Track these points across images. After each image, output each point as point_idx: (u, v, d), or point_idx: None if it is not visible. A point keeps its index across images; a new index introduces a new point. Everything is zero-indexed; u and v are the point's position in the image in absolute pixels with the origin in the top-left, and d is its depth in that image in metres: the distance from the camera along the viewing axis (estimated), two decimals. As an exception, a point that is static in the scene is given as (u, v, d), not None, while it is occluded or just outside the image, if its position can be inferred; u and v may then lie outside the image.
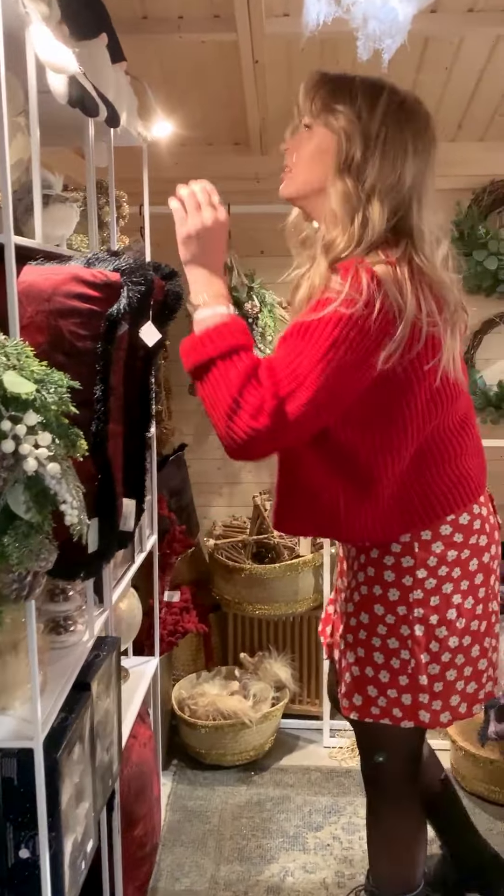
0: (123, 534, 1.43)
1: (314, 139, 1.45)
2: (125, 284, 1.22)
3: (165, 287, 1.65)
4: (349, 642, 1.57)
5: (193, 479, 3.26)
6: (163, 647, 2.63)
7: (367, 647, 1.53)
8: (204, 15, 2.29)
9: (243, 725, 2.73)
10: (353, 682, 1.56)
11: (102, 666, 1.73)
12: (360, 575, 1.56)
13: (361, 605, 1.54)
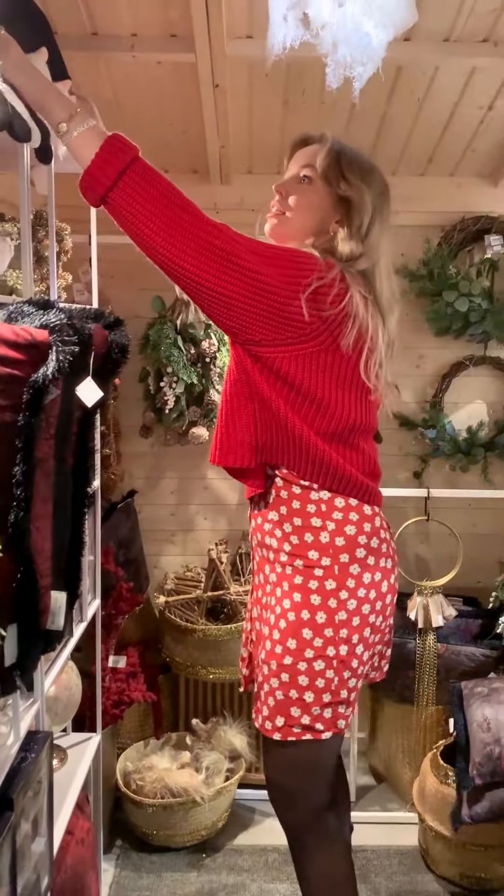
0: (51, 634, 1.20)
1: (316, 194, 1.61)
2: (54, 344, 1.01)
3: (109, 338, 1.43)
4: (273, 669, 1.60)
5: (144, 526, 3.03)
6: (106, 721, 2.38)
7: (293, 671, 1.58)
8: (159, 33, 2.11)
9: (194, 803, 2.48)
10: (276, 705, 1.60)
11: (31, 771, 1.49)
12: (285, 601, 1.60)
13: (288, 632, 1.59)
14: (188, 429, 2.74)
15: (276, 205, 1.63)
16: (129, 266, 2.92)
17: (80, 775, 2.08)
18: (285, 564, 1.62)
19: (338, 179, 1.59)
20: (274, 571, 1.65)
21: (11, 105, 1.19)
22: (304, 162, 1.62)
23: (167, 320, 2.71)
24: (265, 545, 1.67)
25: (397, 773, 2.81)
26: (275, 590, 1.64)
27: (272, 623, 1.62)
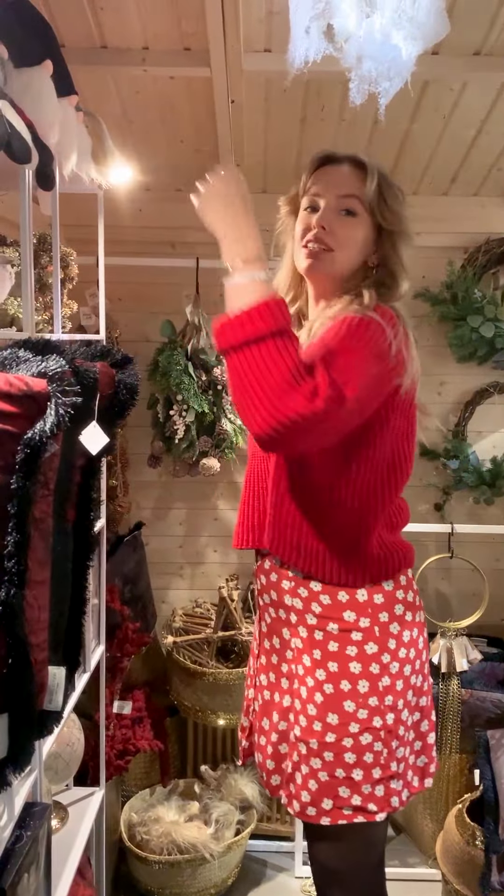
0: (48, 715, 1.06)
1: (363, 228, 1.48)
2: (53, 395, 0.88)
3: (117, 377, 1.30)
4: (313, 748, 1.44)
5: (151, 558, 2.89)
6: (110, 773, 2.24)
7: (337, 748, 1.43)
8: (173, 47, 1.99)
9: (203, 860, 2.33)
10: (321, 787, 1.45)
11: (27, 852, 1.35)
12: (318, 672, 1.45)
13: (327, 706, 1.44)
14: (198, 460, 2.60)
15: (318, 240, 1.46)
16: (137, 288, 2.83)
17: (81, 837, 1.94)
18: (314, 629, 1.47)
19: (383, 211, 1.47)
20: (297, 637, 1.49)
21: (9, 122, 1.07)
22: (344, 191, 1.47)
23: (177, 345, 2.58)
24: (284, 606, 1.51)
25: (417, 825, 2.65)
26: (300, 658, 1.48)
27: (304, 697, 1.46)
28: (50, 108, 1.40)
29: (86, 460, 1.21)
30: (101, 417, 1.25)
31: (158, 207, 2.72)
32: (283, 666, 1.54)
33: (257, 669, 1.63)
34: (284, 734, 1.54)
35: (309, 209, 1.50)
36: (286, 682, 1.53)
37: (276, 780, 1.57)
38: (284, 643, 1.53)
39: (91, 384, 1.03)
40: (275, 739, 1.56)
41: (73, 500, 1.20)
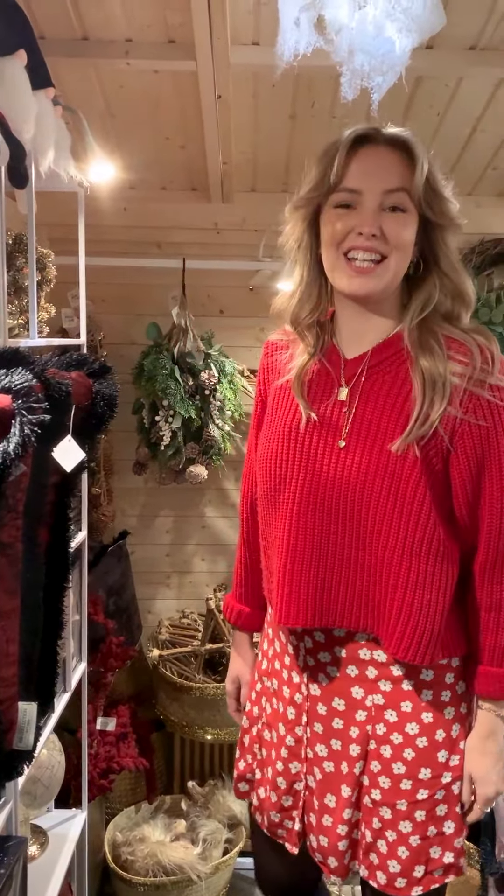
0: (17, 755, 0.98)
1: (412, 226, 1.24)
2: (18, 413, 0.80)
3: (94, 388, 1.22)
4: (402, 810, 1.29)
5: (138, 567, 2.81)
6: (93, 794, 2.16)
7: (429, 804, 1.29)
8: (157, 39, 1.91)
9: (189, 882, 2.25)
10: (412, 853, 1.29)
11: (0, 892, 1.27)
12: (410, 727, 1.29)
13: (419, 762, 1.29)
14: (185, 466, 2.52)
15: (371, 249, 1.21)
16: (122, 289, 2.74)
17: (62, 862, 1.86)
18: (401, 679, 1.29)
19: (432, 203, 1.23)
20: (377, 692, 1.30)
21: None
22: (393, 184, 1.21)
23: (163, 349, 2.50)
24: (358, 661, 1.31)
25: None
26: (381, 715, 1.30)
27: (388, 756, 1.29)
28: (24, 100, 1.33)
29: (60, 477, 1.12)
30: (78, 430, 1.17)
31: (144, 206, 2.64)
32: (351, 730, 1.32)
33: (309, 739, 1.36)
34: (356, 803, 1.33)
35: (342, 206, 1.24)
36: (357, 748, 1.32)
37: (348, 857, 1.35)
38: (354, 703, 1.32)
39: (63, 398, 0.95)
40: (347, 816, 1.32)
41: (47, 521, 1.12)
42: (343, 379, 1.29)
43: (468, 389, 1.20)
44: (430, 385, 1.20)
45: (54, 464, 1.09)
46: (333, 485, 1.25)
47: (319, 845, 1.36)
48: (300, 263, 1.33)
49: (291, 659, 1.38)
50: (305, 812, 1.38)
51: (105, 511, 2.58)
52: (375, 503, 1.23)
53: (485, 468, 1.21)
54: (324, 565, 1.28)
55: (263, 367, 1.45)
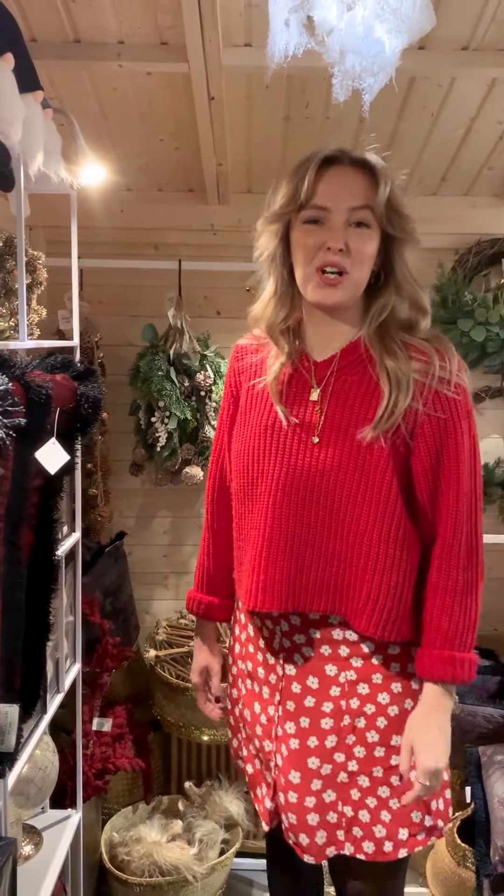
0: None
1: (375, 241, 1.34)
2: (-7, 416, 0.80)
3: (78, 391, 1.23)
4: (378, 776, 1.37)
5: (135, 568, 2.81)
6: (88, 794, 2.16)
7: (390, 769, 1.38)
8: (149, 41, 1.91)
9: (185, 882, 2.26)
10: (394, 818, 1.37)
11: (-15, 892, 1.27)
12: (380, 696, 1.38)
13: (391, 729, 1.38)
14: (181, 468, 2.53)
15: (336, 264, 1.31)
16: (119, 291, 2.74)
17: (56, 864, 1.86)
18: (371, 655, 1.38)
19: (393, 219, 1.33)
20: (349, 669, 1.39)
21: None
22: (357, 202, 1.31)
23: (159, 350, 2.50)
24: (332, 641, 1.40)
25: (408, 842, 2.58)
26: (354, 689, 1.38)
27: (363, 726, 1.37)
28: (10, 103, 1.33)
29: (44, 479, 1.13)
30: (63, 433, 1.17)
31: (140, 208, 2.64)
32: (324, 705, 1.40)
33: (280, 717, 1.44)
34: (330, 778, 1.40)
35: (311, 222, 1.33)
36: (329, 721, 1.39)
37: (321, 837, 1.40)
38: (328, 680, 1.40)
39: (43, 400, 0.95)
40: (317, 788, 1.40)
41: (31, 524, 1.12)
42: (314, 380, 1.40)
43: (428, 385, 1.31)
44: (395, 383, 1.31)
45: (38, 466, 1.10)
46: (308, 477, 1.35)
47: (290, 823, 1.42)
48: (273, 274, 1.42)
49: (266, 642, 1.47)
50: (276, 792, 1.45)
51: (102, 512, 2.58)
52: (347, 493, 1.34)
53: (442, 458, 1.32)
54: (297, 553, 1.37)
55: (234, 370, 1.54)
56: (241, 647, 1.56)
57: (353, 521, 1.34)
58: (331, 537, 1.36)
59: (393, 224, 1.33)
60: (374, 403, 1.33)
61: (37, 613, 1.13)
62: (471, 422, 1.34)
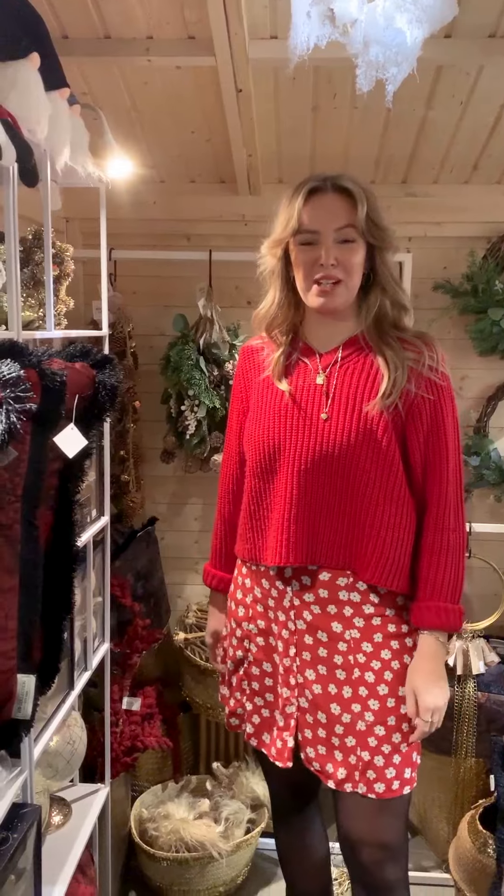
0: (16, 724, 1.05)
1: (361, 252, 1.56)
2: (4, 402, 0.86)
3: (97, 378, 1.28)
4: (392, 724, 1.56)
5: (166, 553, 2.87)
6: (116, 770, 2.24)
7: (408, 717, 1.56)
8: (176, 35, 1.95)
9: (211, 859, 2.32)
10: (403, 759, 1.56)
11: (11, 856, 1.34)
12: (384, 653, 1.57)
13: (397, 681, 1.56)
14: (210, 455, 2.57)
15: (329, 276, 1.54)
16: (152, 281, 2.80)
17: (84, 834, 1.94)
18: (371, 616, 1.57)
19: (373, 231, 1.55)
20: (353, 627, 1.58)
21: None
22: (341, 223, 1.53)
23: (189, 339, 2.55)
24: (338, 601, 1.58)
25: (433, 828, 2.60)
26: (359, 646, 1.57)
27: (372, 681, 1.56)
28: (37, 101, 1.38)
29: (63, 463, 1.18)
30: (82, 419, 1.22)
31: (172, 199, 2.68)
32: (335, 658, 1.58)
33: (299, 666, 1.62)
34: (350, 726, 1.57)
35: (305, 244, 1.55)
36: (342, 672, 1.57)
37: (342, 773, 1.58)
38: (335, 636, 1.58)
39: (58, 387, 1.00)
40: (340, 732, 1.58)
41: (50, 505, 1.17)
42: (320, 367, 1.62)
43: (419, 371, 1.55)
44: (393, 367, 1.55)
45: (56, 450, 1.15)
46: (322, 448, 1.56)
47: (318, 755, 1.60)
48: (274, 286, 1.66)
49: (276, 601, 1.64)
50: (299, 729, 1.62)
51: (134, 498, 2.64)
52: (356, 460, 1.54)
53: (432, 434, 1.56)
54: (316, 514, 1.58)
55: (244, 368, 1.77)
56: (246, 609, 1.72)
57: (361, 485, 1.55)
58: (343, 499, 1.57)
59: (374, 235, 1.55)
60: (375, 384, 1.56)
61: (57, 591, 1.19)
62: (454, 405, 1.59)
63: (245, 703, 1.75)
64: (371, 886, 1.63)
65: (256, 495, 1.67)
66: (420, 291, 2.66)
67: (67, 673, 1.74)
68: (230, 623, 1.78)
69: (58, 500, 1.20)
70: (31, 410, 0.88)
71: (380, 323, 1.60)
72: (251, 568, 1.70)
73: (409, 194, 2.63)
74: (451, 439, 1.58)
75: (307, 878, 1.92)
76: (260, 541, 1.66)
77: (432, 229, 2.67)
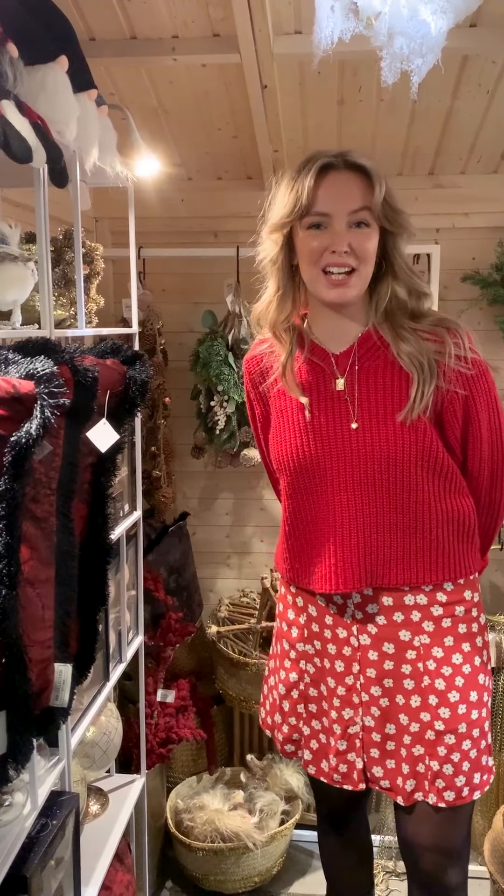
0: (53, 711, 1.08)
1: (375, 237, 1.43)
2: (40, 397, 0.88)
3: (127, 374, 1.30)
4: (462, 732, 1.47)
5: (198, 548, 2.90)
6: (152, 761, 2.27)
7: (480, 722, 1.50)
8: (201, 34, 1.97)
9: (246, 849, 2.34)
10: (472, 766, 1.48)
11: (51, 842, 1.37)
12: (454, 657, 1.49)
13: (468, 686, 1.48)
14: (240, 450, 2.59)
15: (343, 264, 1.39)
16: (181, 279, 2.82)
17: (121, 823, 1.97)
18: (441, 618, 1.49)
19: (389, 216, 1.42)
20: (422, 633, 1.49)
21: (7, 122, 1.07)
22: (357, 205, 1.39)
23: (218, 336, 2.57)
24: (404, 607, 1.49)
25: (468, 821, 2.59)
26: (429, 652, 1.48)
27: (443, 688, 1.47)
28: (65, 104, 1.40)
29: (96, 457, 1.21)
30: (114, 414, 1.24)
31: (200, 196, 2.70)
32: (402, 667, 1.50)
33: (363, 685, 1.53)
34: (418, 735, 1.50)
35: (314, 227, 1.41)
36: (410, 682, 1.50)
37: (410, 785, 1.51)
38: (403, 645, 1.50)
39: (90, 383, 1.03)
40: (408, 742, 1.51)
41: (84, 499, 1.20)
42: (337, 371, 1.48)
43: (446, 363, 1.41)
44: (418, 367, 1.41)
45: (89, 445, 1.17)
46: (359, 461, 1.45)
47: (386, 770, 1.53)
48: (275, 277, 1.50)
49: (335, 617, 1.54)
50: (365, 750, 1.55)
51: (165, 493, 2.67)
52: (401, 469, 1.43)
53: (468, 423, 1.46)
54: (365, 534, 1.47)
55: (252, 383, 1.63)
56: (301, 629, 1.62)
57: (410, 491, 1.44)
58: (392, 513, 1.46)
59: (389, 220, 1.42)
60: (402, 385, 1.43)
61: (92, 583, 1.22)
62: (489, 387, 1.46)
63: (302, 727, 1.65)
64: (431, 891, 1.57)
65: (294, 516, 1.55)
66: (449, 283, 2.65)
67: (103, 665, 1.77)
68: (281, 644, 1.67)
69: (91, 494, 1.23)
70: (65, 406, 0.91)
71: (392, 315, 1.46)
72: (301, 588, 1.60)
73: (436, 185, 2.62)
74: (486, 428, 1.47)
75: (350, 881, 1.88)
76: (304, 566, 1.55)
77: (460, 220, 2.65)
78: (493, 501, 1.54)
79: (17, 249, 1.40)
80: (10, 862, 1.24)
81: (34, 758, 1.32)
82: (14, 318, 1.40)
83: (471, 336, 1.46)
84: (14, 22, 1.38)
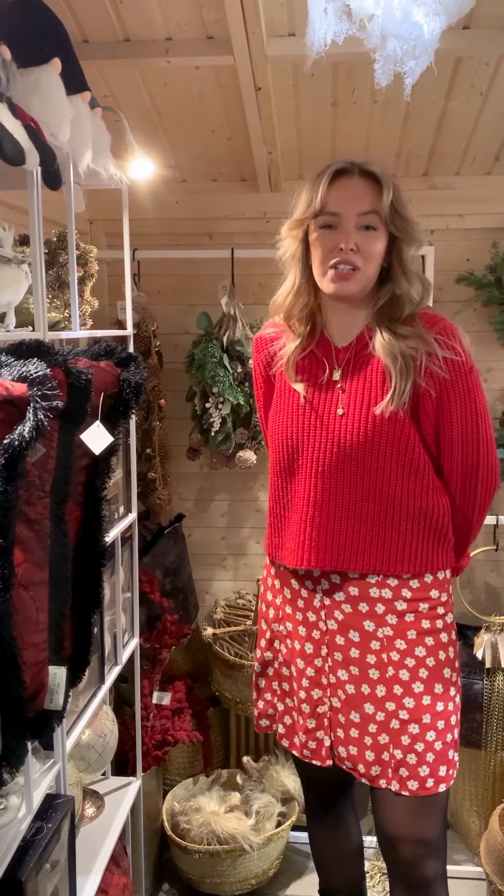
0: (48, 714, 1.07)
1: (382, 240, 1.53)
2: (32, 399, 0.88)
3: (121, 376, 1.30)
4: (427, 722, 1.53)
5: (193, 550, 2.90)
6: (148, 763, 2.27)
7: (445, 715, 1.55)
8: (195, 36, 1.97)
9: (242, 851, 2.34)
10: (437, 757, 1.54)
11: (46, 845, 1.37)
12: (418, 650, 1.55)
13: (433, 678, 1.55)
14: (235, 452, 2.59)
15: (347, 261, 1.50)
16: (175, 280, 2.82)
17: (116, 826, 1.97)
18: (404, 613, 1.55)
19: (396, 222, 1.52)
20: (385, 625, 1.56)
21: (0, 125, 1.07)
22: (365, 208, 1.50)
23: (213, 337, 2.57)
24: (368, 599, 1.56)
25: (464, 822, 2.60)
26: (392, 644, 1.56)
27: (406, 679, 1.55)
28: (59, 106, 1.40)
29: (90, 459, 1.21)
30: (108, 416, 1.24)
31: (194, 198, 2.71)
32: (368, 657, 1.57)
33: (331, 667, 1.61)
34: (384, 724, 1.56)
35: (326, 227, 1.52)
36: (375, 672, 1.56)
37: (375, 770, 1.58)
38: (367, 635, 1.57)
39: (83, 385, 1.03)
40: (373, 730, 1.58)
41: (79, 501, 1.20)
42: (336, 363, 1.60)
43: (421, 362, 1.50)
44: (393, 362, 1.51)
45: (83, 447, 1.17)
46: (338, 445, 1.54)
47: (349, 754, 1.60)
48: (294, 270, 1.61)
49: (306, 601, 1.63)
50: (332, 729, 1.62)
51: (161, 495, 2.67)
52: (376, 458, 1.52)
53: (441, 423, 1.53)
54: (336, 516, 1.55)
55: (260, 361, 1.73)
56: (276, 610, 1.72)
57: (383, 482, 1.53)
58: (365, 500, 1.54)
59: (396, 225, 1.52)
60: (382, 380, 1.53)
61: (86, 586, 1.21)
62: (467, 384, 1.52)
63: (276, 703, 1.76)
64: (410, 883, 1.61)
65: (277, 494, 1.66)
66: (443, 284, 2.65)
67: (98, 667, 1.77)
68: (260, 624, 1.78)
69: (86, 496, 1.23)
70: (58, 408, 0.91)
71: (383, 314, 1.56)
72: (280, 569, 1.69)
73: (430, 187, 2.63)
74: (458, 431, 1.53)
75: (340, 872, 1.93)
76: (280, 540, 1.66)
77: (454, 221, 2.66)
78: (465, 504, 1.59)
79: (11, 252, 1.40)
80: (4, 865, 1.23)
81: (29, 761, 1.32)
82: (8, 321, 1.40)
83: (461, 338, 1.53)
84: (7, 24, 1.38)
